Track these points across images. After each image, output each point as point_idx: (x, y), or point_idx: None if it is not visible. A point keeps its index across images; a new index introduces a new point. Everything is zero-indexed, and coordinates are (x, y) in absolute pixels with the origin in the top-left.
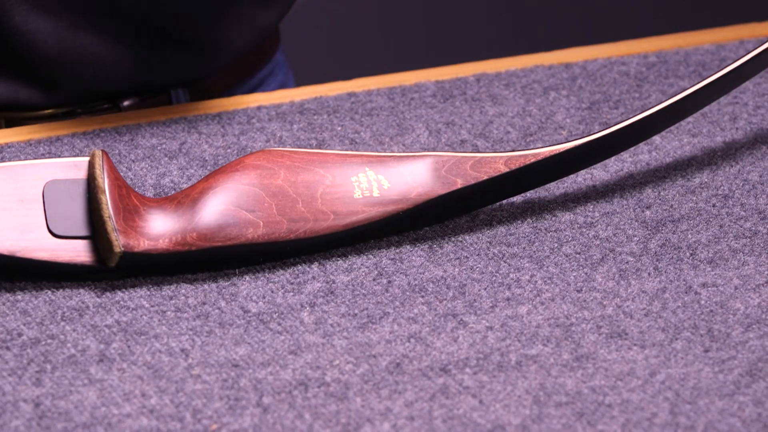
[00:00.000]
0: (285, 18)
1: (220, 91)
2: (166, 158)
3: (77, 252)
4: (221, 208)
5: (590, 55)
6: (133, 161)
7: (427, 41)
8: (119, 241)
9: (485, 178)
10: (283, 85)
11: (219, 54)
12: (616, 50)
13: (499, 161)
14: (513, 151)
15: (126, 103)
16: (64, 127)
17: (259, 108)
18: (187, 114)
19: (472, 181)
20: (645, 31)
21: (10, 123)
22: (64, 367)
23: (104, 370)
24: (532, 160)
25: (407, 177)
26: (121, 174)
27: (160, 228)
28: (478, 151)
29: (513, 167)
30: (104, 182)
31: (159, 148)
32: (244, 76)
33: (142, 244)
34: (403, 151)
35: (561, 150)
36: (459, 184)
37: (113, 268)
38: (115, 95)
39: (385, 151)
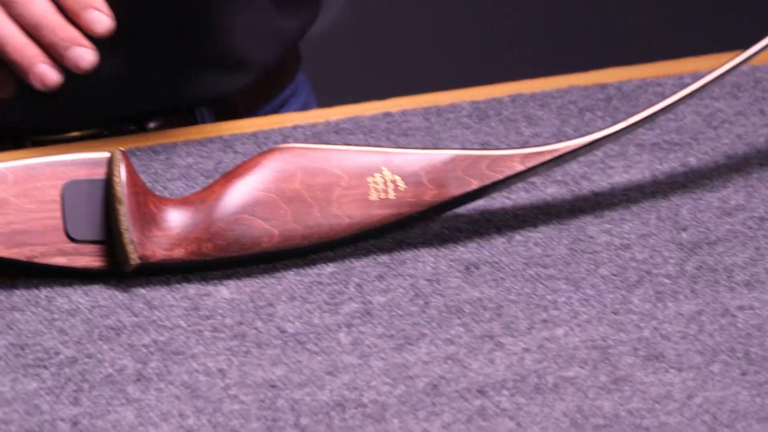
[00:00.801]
0: (311, 38)
1: (244, 112)
2: (203, 177)
3: (94, 257)
4: (237, 218)
5: (625, 75)
6: (169, 180)
7: (462, 62)
8: (135, 253)
9: (501, 177)
10: (305, 106)
11: (243, 71)
12: (651, 71)
13: (515, 159)
14: (528, 146)
15: (152, 124)
16: (99, 147)
17: (294, 127)
18: (223, 133)
19: (488, 182)
20: (681, 52)
21: (36, 145)
22: (102, 387)
23: (141, 390)
24: (549, 157)
25: (423, 178)
26: (156, 191)
27: (176, 237)
28: (495, 148)
29: (529, 165)
30: (122, 191)
31: (195, 167)
32: (268, 96)
33: (158, 255)
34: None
35: (578, 145)
36: (474, 185)
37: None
38: (141, 116)
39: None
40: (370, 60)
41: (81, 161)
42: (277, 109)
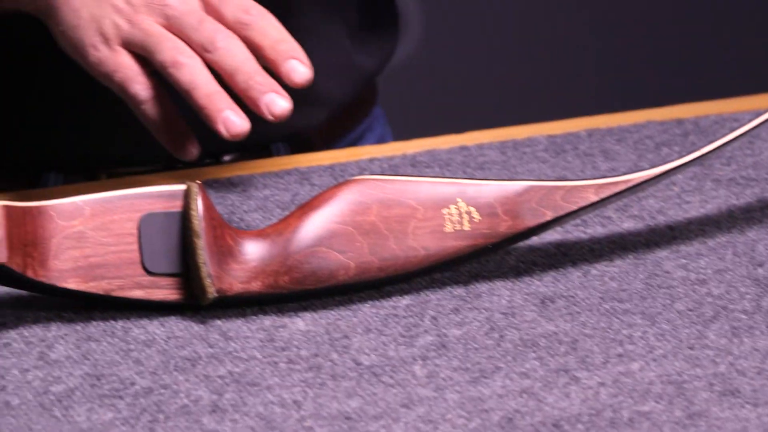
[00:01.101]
0: (388, 71)
1: (320, 146)
2: (279, 209)
3: (171, 290)
4: (313, 250)
5: (702, 111)
6: (246, 212)
7: (539, 95)
8: (213, 287)
9: (575, 208)
10: (381, 139)
11: (321, 107)
12: (728, 106)
13: (589, 190)
14: (603, 177)
15: (227, 158)
16: (175, 179)
17: (371, 160)
18: (300, 165)
19: (562, 213)
20: (758, 87)
21: (110, 177)
22: (177, 417)
23: (217, 421)
24: (623, 188)
25: (498, 209)
26: (232, 223)
27: (252, 270)
28: (568, 179)
29: (603, 195)
30: (200, 224)
31: (271, 199)
32: (344, 130)
33: (235, 288)
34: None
35: (651, 175)
36: (549, 216)
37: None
38: (217, 150)
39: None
40: (447, 93)
41: (157, 194)
42: (354, 143)
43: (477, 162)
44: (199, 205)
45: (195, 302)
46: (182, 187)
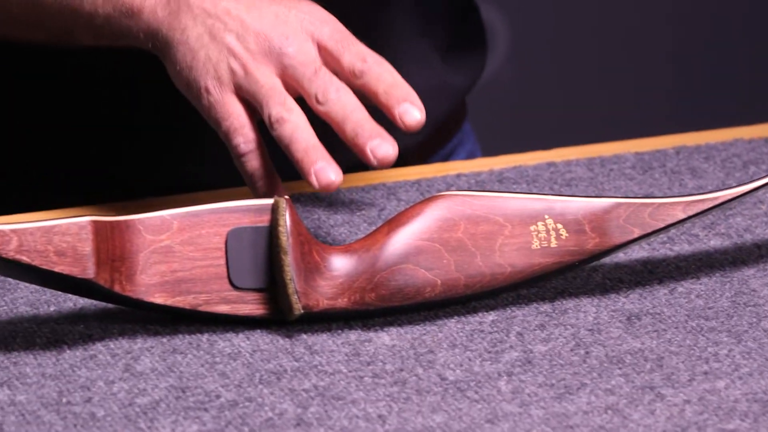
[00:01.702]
0: (476, 88)
1: (413, 164)
2: (365, 224)
3: (257, 305)
4: (400, 267)
5: None
6: (332, 226)
7: (626, 112)
8: (299, 303)
9: (662, 226)
10: (471, 155)
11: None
12: None
13: (677, 207)
14: (690, 195)
15: None
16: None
17: (458, 176)
18: (387, 180)
19: (650, 230)
20: None
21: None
22: (262, 430)
23: None
24: (710, 205)
25: (585, 226)
26: (318, 237)
27: (339, 286)
28: (655, 196)
29: (691, 213)
30: (287, 241)
31: (358, 213)
32: (437, 147)
33: (322, 304)
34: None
35: (738, 193)
36: (636, 233)
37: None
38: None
39: None
40: (534, 110)
41: (245, 208)
42: (445, 159)
43: (564, 178)
44: (287, 221)
45: (281, 317)
46: (270, 201)
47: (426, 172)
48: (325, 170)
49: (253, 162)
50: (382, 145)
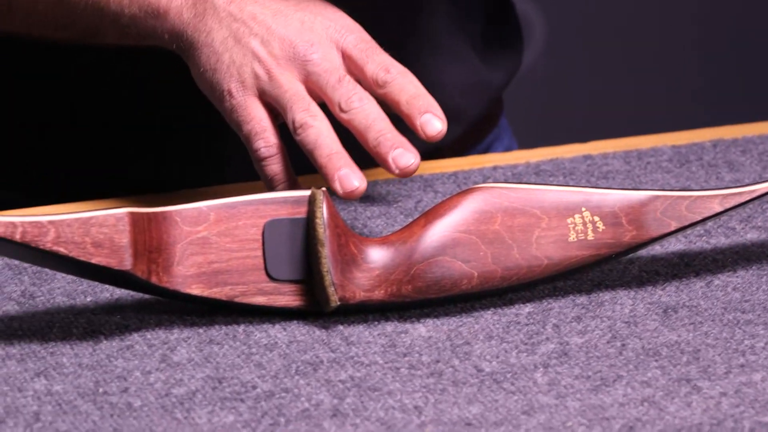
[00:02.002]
0: (512, 82)
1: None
2: (402, 216)
3: (293, 296)
4: (437, 260)
5: None
6: (369, 218)
7: (663, 105)
8: (336, 296)
9: (699, 219)
10: (508, 149)
11: (454, 124)
12: None
13: (714, 200)
14: (727, 188)
15: None
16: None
17: (495, 168)
18: (424, 172)
19: (686, 223)
20: None
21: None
22: (298, 421)
23: (337, 425)
24: (748, 198)
25: (622, 219)
26: (355, 229)
27: (376, 278)
28: (692, 189)
29: (728, 206)
30: (324, 233)
31: (395, 205)
32: (474, 143)
33: (358, 296)
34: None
35: None
36: (673, 226)
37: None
38: None
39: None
40: (570, 103)
41: (282, 200)
42: (483, 153)
43: (601, 171)
44: (324, 213)
45: (317, 309)
46: (307, 193)
47: (463, 165)
48: (349, 177)
49: (273, 166)
50: (404, 155)
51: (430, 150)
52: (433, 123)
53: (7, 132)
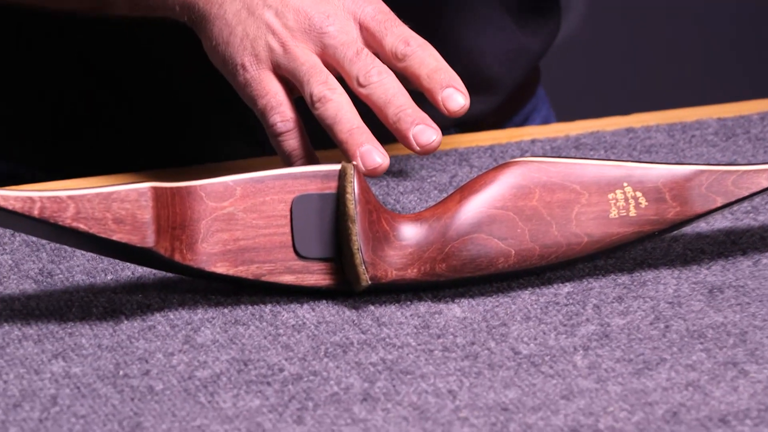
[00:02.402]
0: (550, 51)
1: (487, 130)
2: (436, 191)
3: (322, 275)
4: (472, 237)
5: None
6: (402, 193)
7: (709, 76)
8: (367, 274)
9: (746, 194)
10: (546, 121)
11: (491, 92)
12: None
13: (762, 175)
14: None
15: None
16: (329, 157)
17: (533, 141)
18: (459, 146)
19: (732, 199)
20: None
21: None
22: (327, 405)
23: (368, 410)
24: None
25: (666, 195)
26: (387, 205)
27: (409, 256)
28: (739, 164)
29: None
30: (354, 209)
31: (428, 180)
32: (511, 113)
33: (390, 275)
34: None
35: None
36: (719, 202)
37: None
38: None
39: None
40: (611, 74)
41: (311, 174)
42: (520, 125)
43: (644, 145)
44: (354, 188)
45: (347, 288)
46: (337, 167)
47: (500, 138)
48: (371, 153)
49: (291, 141)
50: (425, 132)
51: (467, 122)
52: (456, 98)
53: (24, 105)
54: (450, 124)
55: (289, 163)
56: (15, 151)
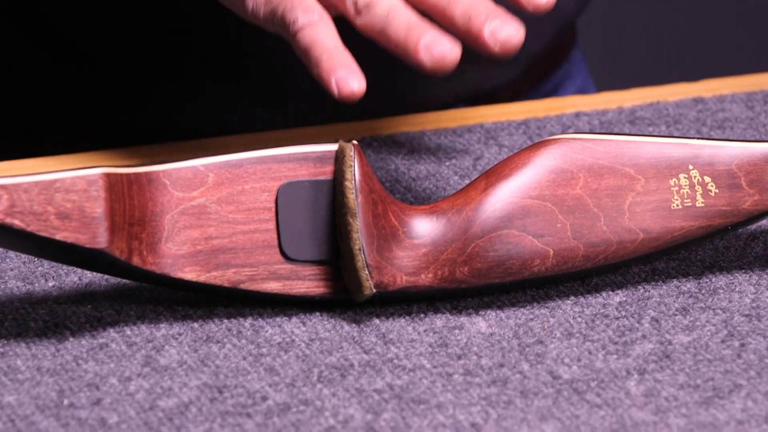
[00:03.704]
0: (589, 7)
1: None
2: (457, 177)
3: (315, 282)
4: (501, 233)
5: None
6: (414, 179)
7: None
8: (371, 281)
9: None
10: (582, 91)
11: (515, 59)
12: None
13: None
14: None
15: None
16: (322, 136)
17: (577, 114)
18: (485, 120)
19: None
20: None
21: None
22: None
23: None
24: None
25: (741, 180)
26: (395, 194)
27: (422, 258)
28: None
29: None
30: (355, 200)
31: (447, 163)
32: (536, 82)
33: (399, 281)
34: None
35: None
36: None
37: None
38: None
39: None
40: (672, 31)
41: (302, 156)
42: (549, 96)
43: (715, 119)
44: (355, 173)
45: (347, 298)
46: (333, 147)
47: (536, 110)
48: (347, 77)
49: (312, 35)
50: (504, 27)
51: (479, 94)
52: (507, 29)
53: None
54: (462, 98)
55: (308, 59)
56: None
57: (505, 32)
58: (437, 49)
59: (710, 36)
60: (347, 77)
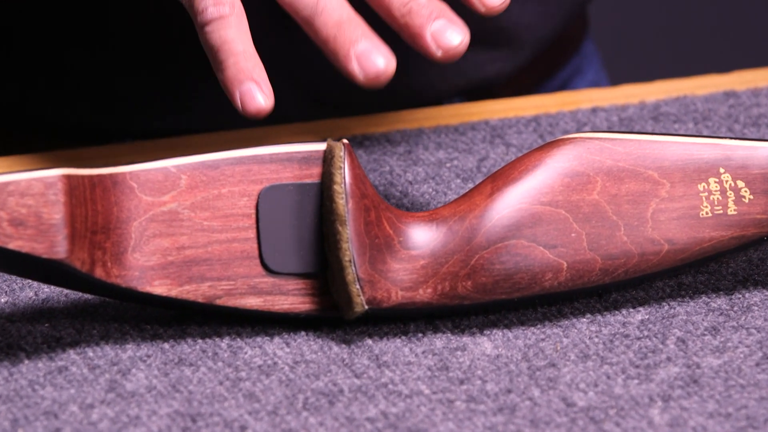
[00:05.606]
0: None
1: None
2: (459, 180)
3: (300, 298)
4: (509, 244)
5: None
6: (411, 183)
7: None
8: (362, 296)
9: None
10: (594, 85)
11: (513, 50)
12: None
13: None
14: None
15: None
16: (307, 134)
17: (594, 110)
18: (490, 117)
19: None
20: None
21: None
22: None
23: None
24: None
25: None
26: (390, 200)
27: (421, 271)
28: None
29: None
30: (345, 206)
31: (448, 165)
32: (543, 76)
33: (394, 297)
34: None
35: None
36: None
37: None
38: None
39: None
40: (699, 17)
41: (285, 156)
42: (557, 91)
43: (750, 115)
44: (345, 176)
45: (335, 315)
46: (321, 146)
47: (547, 105)
48: (253, 92)
49: (222, 32)
50: (448, 31)
51: (477, 86)
52: (450, 32)
53: None
54: (454, 91)
55: (214, 60)
56: None
57: (448, 37)
58: (371, 64)
59: (743, 22)
60: (252, 91)
